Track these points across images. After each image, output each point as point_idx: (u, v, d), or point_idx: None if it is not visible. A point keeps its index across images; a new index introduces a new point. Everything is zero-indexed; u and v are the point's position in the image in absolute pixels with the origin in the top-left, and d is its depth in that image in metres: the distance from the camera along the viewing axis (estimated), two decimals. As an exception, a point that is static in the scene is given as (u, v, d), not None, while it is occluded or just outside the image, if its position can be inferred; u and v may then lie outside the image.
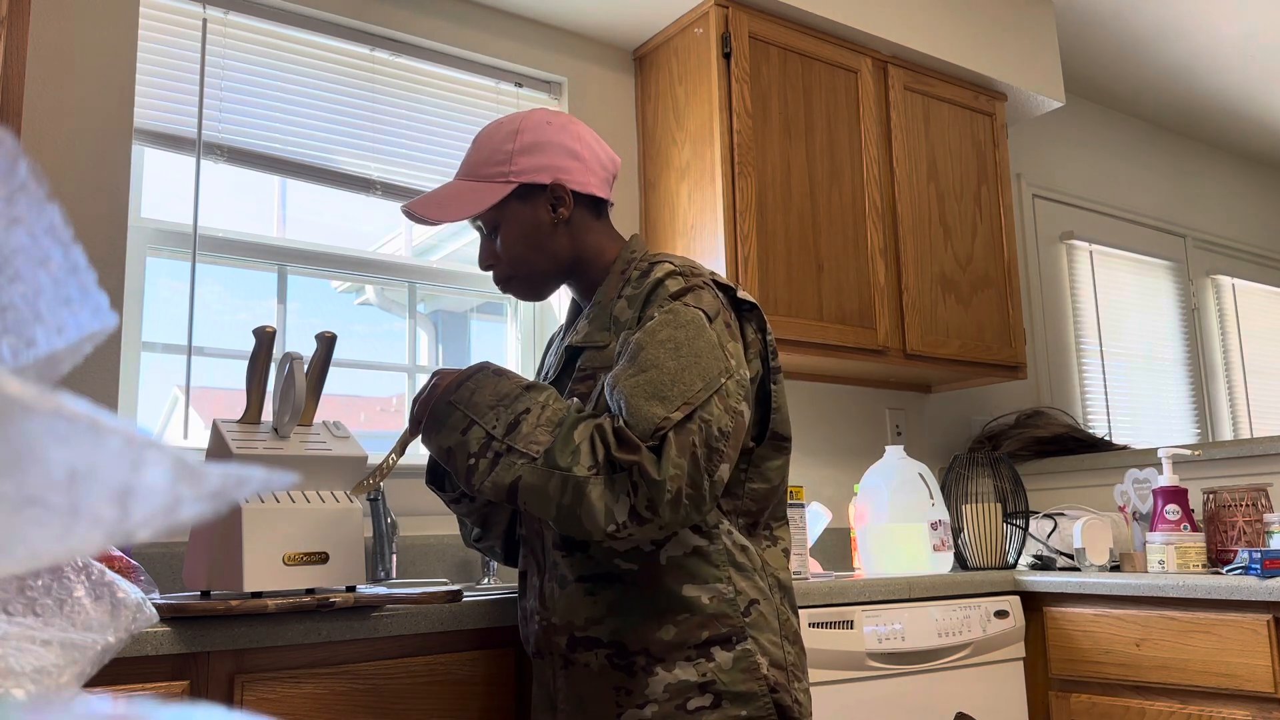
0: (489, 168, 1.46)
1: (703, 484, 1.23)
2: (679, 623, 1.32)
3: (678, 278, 1.38)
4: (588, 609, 1.36)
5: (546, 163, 1.46)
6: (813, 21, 2.68)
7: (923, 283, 2.81)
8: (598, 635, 1.35)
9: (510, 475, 1.26)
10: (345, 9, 2.37)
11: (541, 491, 1.24)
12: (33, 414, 0.32)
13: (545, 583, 1.42)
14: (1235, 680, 1.99)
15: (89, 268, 0.44)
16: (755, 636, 1.34)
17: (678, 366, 1.28)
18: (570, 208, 1.46)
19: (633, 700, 1.32)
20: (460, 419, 1.31)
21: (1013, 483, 2.66)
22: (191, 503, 0.35)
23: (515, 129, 1.48)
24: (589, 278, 1.51)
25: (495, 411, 1.29)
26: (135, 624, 0.71)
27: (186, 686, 1.36)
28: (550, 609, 1.40)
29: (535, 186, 1.45)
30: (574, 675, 1.37)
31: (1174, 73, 3.91)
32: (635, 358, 1.30)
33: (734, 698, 1.31)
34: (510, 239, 1.46)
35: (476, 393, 1.32)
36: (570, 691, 1.38)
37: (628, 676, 1.33)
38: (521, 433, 1.27)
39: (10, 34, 1.55)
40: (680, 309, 1.33)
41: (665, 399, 1.25)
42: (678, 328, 1.31)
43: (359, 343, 2.41)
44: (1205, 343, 4.36)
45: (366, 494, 1.71)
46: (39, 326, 0.42)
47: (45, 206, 0.42)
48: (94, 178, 1.99)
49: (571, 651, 1.37)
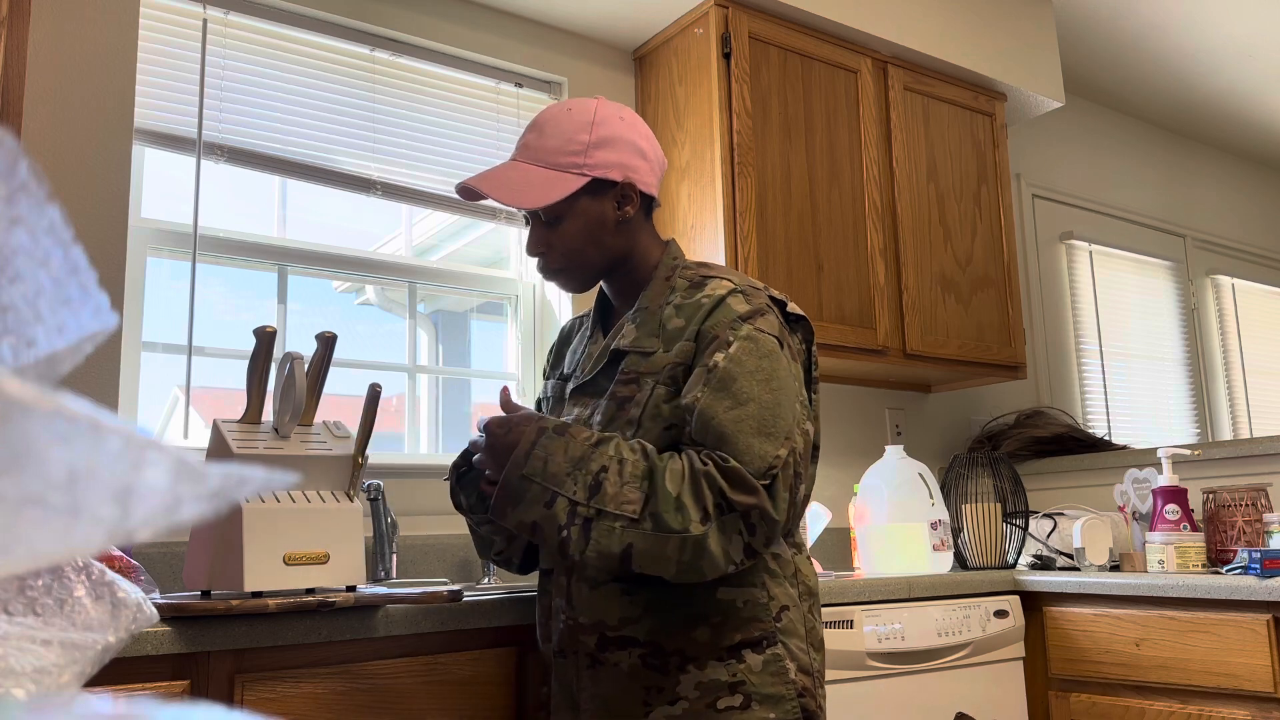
0: (562, 156, 1.43)
1: (796, 509, 1.31)
2: (713, 625, 1.35)
3: (739, 296, 1.39)
4: (623, 609, 1.36)
5: (619, 159, 1.44)
6: (813, 21, 2.68)
7: (923, 283, 2.81)
8: (633, 635, 1.35)
9: (618, 544, 1.24)
10: (345, 9, 2.37)
11: (659, 555, 1.24)
12: (33, 414, 0.32)
13: (573, 582, 1.41)
14: (1235, 680, 1.99)
15: (89, 268, 0.44)
16: (785, 641, 1.37)
17: (773, 400, 1.31)
18: (636, 207, 1.46)
19: (663, 698, 1.33)
20: (540, 492, 1.27)
21: (1012, 483, 2.66)
22: (192, 503, 0.35)
23: (590, 120, 1.45)
24: (632, 277, 1.50)
25: (573, 477, 1.27)
26: (135, 624, 0.71)
27: (186, 686, 1.36)
28: (578, 608, 1.39)
29: (606, 182, 1.44)
30: (602, 674, 1.37)
31: (1174, 73, 3.91)
32: (727, 388, 1.30)
33: (763, 700, 1.33)
34: (571, 232, 1.44)
35: (549, 461, 1.28)
36: (596, 691, 1.37)
37: (660, 676, 1.34)
38: (608, 494, 1.25)
39: (10, 34, 1.55)
40: (759, 336, 1.35)
41: (771, 435, 1.29)
42: (762, 357, 1.34)
43: (359, 343, 2.41)
44: (1205, 342, 4.36)
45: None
46: (39, 326, 0.43)
47: (45, 206, 0.42)
48: (94, 178, 1.99)
49: (601, 651, 1.37)
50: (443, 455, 2.42)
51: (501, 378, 2.59)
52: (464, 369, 2.59)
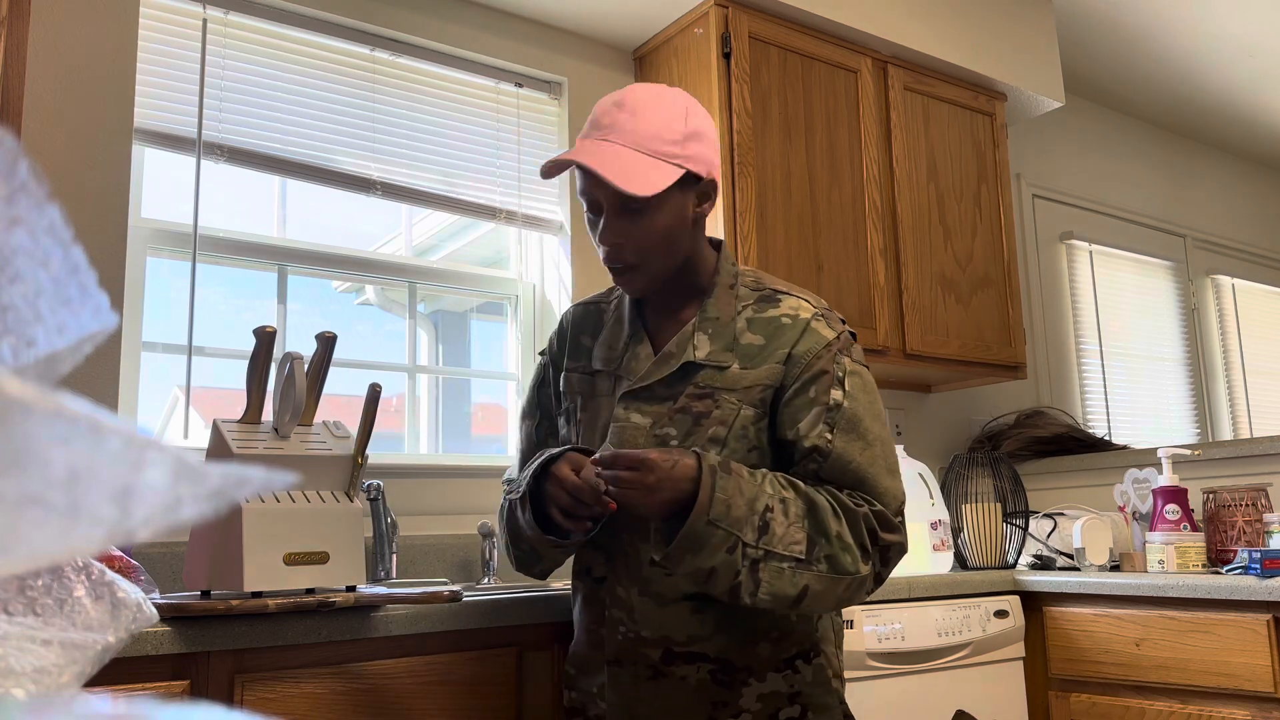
0: (662, 145, 1.34)
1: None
2: (773, 640, 1.37)
3: (822, 321, 1.41)
4: (691, 626, 1.36)
5: (706, 154, 1.39)
6: (813, 21, 2.68)
7: (923, 283, 2.81)
8: (703, 651, 1.36)
9: (792, 586, 1.24)
10: (345, 9, 2.37)
11: (830, 594, 1.27)
12: (33, 414, 0.32)
13: (635, 595, 1.39)
14: (1235, 680, 1.99)
15: (89, 268, 0.44)
16: (824, 649, 1.42)
17: (888, 436, 1.39)
18: (712, 206, 1.42)
19: (727, 711, 1.35)
20: (724, 538, 1.23)
21: (1012, 483, 2.66)
22: (191, 503, 0.35)
23: (683, 109, 1.38)
24: (687, 281, 1.44)
25: (749, 520, 1.24)
26: (135, 624, 0.71)
27: (186, 686, 1.36)
28: (640, 622, 1.38)
29: (693, 177, 1.38)
30: (665, 686, 1.36)
31: (1174, 72, 3.91)
32: (856, 429, 1.34)
33: (817, 709, 1.38)
34: (655, 226, 1.35)
35: (732, 506, 1.24)
36: (659, 703, 1.37)
37: (726, 690, 1.35)
38: (775, 535, 1.25)
39: (10, 34, 1.55)
40: (862, 371, 1.41)
41: (895, 473, 1.36)
42: (871, 394, 1.40)
43: (359, 343, 2.41)
44: (1205, 343, 4.36)
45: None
46: (39, 326, 0.42)
47: (45, 206, 0.42)
48: (94, 178, 1.99)
49: (666, 664, 1.36)
50: (442, 455, 2.42)
51: (501, 377, 2.59)
52: (464, 369, 2.59)
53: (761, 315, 1.41)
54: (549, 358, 1.58)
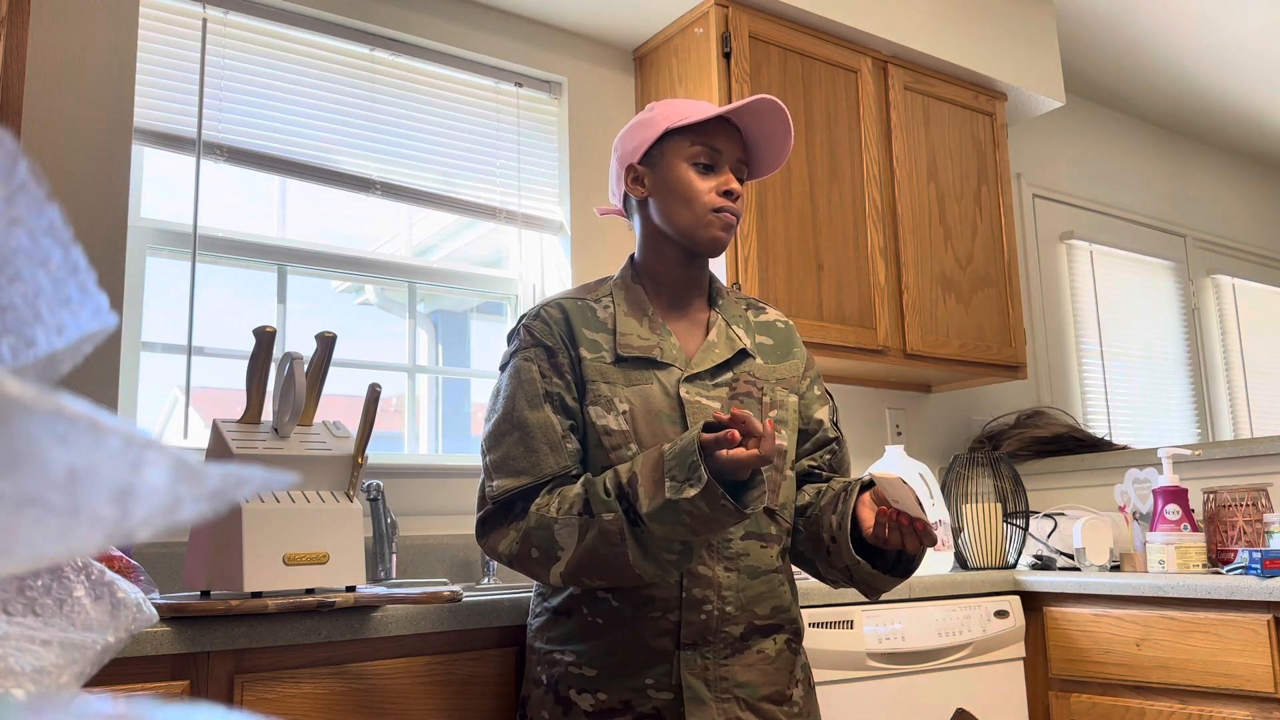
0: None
1: None
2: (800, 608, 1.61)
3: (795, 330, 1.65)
4: (777, 598, 1.45)
5: None
6: (813, 21, 2.68)
7: (923, 283, 2.81)
8: (781, 622, 1.45)
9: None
10: (345, 9, 2.37)
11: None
12: (33, 414, 0.32)
13: (724, 572, 1.41)
14: (1235, 680, 1.99)
15: (89, 268, 0.44)
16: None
17: None
18: None
19: (794, 678, 1.47)
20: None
21: (1013, 483, 2.66)
22: (191, 503, 0.35)
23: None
24: (699, 277, 1.55)
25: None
26: (135, 624, 0.71)
27: (186, 686, 1.36)
28: (726, 599, 1.40)
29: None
30: (746, 661, 1.41)
31: (1174, 73, 3.91)
32: (837, 424, 1.61)
33: (809, 677, 1.54)
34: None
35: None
36: (738, 679, 1.40)
37: (794, 657, 1.48)
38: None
39: (10, 34, 1.55)
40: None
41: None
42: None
43: (359, 343, 2.41)
44: (1205, 342, 4.36)
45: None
46: (39, 326, 0.42)
47: (45, 206, 0.42)
48: (94, 178, 1.99)
49: (746, 640, 1.41)
50: (442, 455, 2.42)
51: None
52: (464, 369, 2.59)
53: (759, 319, 1.57)
54: (551, 346, 1.45)
